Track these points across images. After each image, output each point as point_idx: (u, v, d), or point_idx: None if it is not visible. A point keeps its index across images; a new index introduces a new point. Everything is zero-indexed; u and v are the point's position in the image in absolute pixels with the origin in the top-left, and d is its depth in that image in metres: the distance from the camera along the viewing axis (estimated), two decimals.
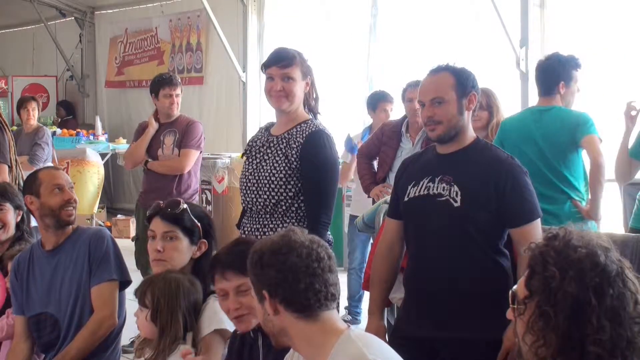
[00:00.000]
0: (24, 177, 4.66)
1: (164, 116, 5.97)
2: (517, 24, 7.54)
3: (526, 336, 1.75)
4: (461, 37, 8.24)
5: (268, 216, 3.56)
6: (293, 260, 2.22)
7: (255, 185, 3.58)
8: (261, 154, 3.64)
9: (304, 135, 3.55)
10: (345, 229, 8.35)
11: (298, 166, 3.53)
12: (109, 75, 13.03)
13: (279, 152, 3.57)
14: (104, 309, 3.50)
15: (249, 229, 3.60)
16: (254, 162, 3.65)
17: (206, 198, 9.02)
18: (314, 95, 3.72)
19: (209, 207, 8.81)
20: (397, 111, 6.54)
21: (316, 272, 2.23)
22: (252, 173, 3.63)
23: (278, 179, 3.53)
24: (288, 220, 3.53)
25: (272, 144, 3.62)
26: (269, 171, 3.56)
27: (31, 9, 13.21)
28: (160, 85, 5.92)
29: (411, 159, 3.45)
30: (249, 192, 3.62)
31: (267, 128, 3.74)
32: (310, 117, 3.68)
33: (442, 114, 3.17)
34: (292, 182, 3.53)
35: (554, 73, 4.69)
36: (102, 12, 13.35)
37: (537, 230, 3.12)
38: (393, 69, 9.01)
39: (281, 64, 3.64)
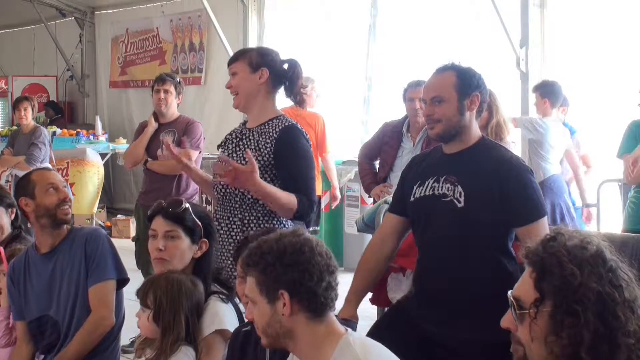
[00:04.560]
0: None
1: (160, 115, 5.97)
2: (517, 24, 7.54)
3: (549, 337, 1.74)
4: (461, 37, 8.24)
5: (237, 206, 3.60)
6: (317, 259, 2.24)
7: None
8: (235, 144, 3.69)
9: (278, 129, 3.59)
10: (345, 229, 8.36)
11: (270, 160, 3.55)
12: (112, 75, 13.03)
13: (251, 143, 3.62)
14: (101, 308, 3.48)
15: (220, 216, 3.64)
16: (228, 152, 3.70)
17: (206, 198, 9.02)
18: (292, 89, 3.70)
19: (209, 207, 8.81)
20: (397, 111, 6.53)
21: (334, 271, 2.28)
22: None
23: None
24: (255, 213, 3.56)
25: (244, 136, 3.67)
26: (238, 162, 3.57)
27: (31, 9, 13.22)
28: (153, 83, 6.01)
29: (419, 158, 3.46)
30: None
31: (245, 122, 3.79)
32: (282, 113, 3.71)
33: (442, 112, 3.18)
34: (262, 176, 3.51)
35: None
36: (102, 12, 13.35)
37: (543, 229, 3.10)
38: (392, 69, 9.01)
39: (228, 64, 3.70)
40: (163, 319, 2.96)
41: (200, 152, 6.07)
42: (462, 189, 3.14)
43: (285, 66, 3.70)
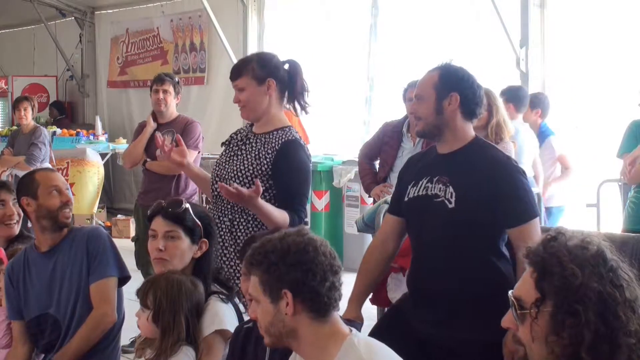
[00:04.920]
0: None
1: (159, 115, 5.97)
2: (517, 24, 7.54)
3: (550, 337, 1.74)
4: (461, 37, 8.24)
5: (229, 207, 3.63)
6: (320, 259, 2.23)
7: (226, 176, 3.64)
8: (238, 147, 3.70)
9: (279, 142, 3.61)
10: (346, 229, 8.36)
11: (268, 170, 3.57)
12: (111, 75, 13.02)
13: (254, 149, 3.63)
14: (103, 305, 3.49)
15: (212, 215, 3.64)
16: (230, 153, 3.72)
17: (205, 198, 9.01)
18: (296, 90, 3.70)
19: (209, 207, 8.80)
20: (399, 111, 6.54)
21: (337, 271, 2.27)
22: (226, 163, 3.70)
23: (245, 175, 3.59)
24: (245, 216, 3.59)
25: (250, 140, 3.69)
26: (238, 166, 3.61)
27: (31, 9, 13.21)
28: (152, 83, 6.02)
29: (415, 158, 3.49)
30: (219, 180, 3.66)
31: (252, 124, 3.79)
32: (288, 124, 3.72)
33: (421, 111, 3.26)
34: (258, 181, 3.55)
35: None
36: (102, 12, 13.34)
37: (534, 230, 3.12)
38: (394, 69, 9.01)
39: (232, 78, 3.71)
40: (163, 320, 2.96)
41: (199, 152, 6.07)
42: (453, 189, 3.15)
43: (286, 66, 3.71)
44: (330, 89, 9.46)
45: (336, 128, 9.57)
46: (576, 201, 6.87)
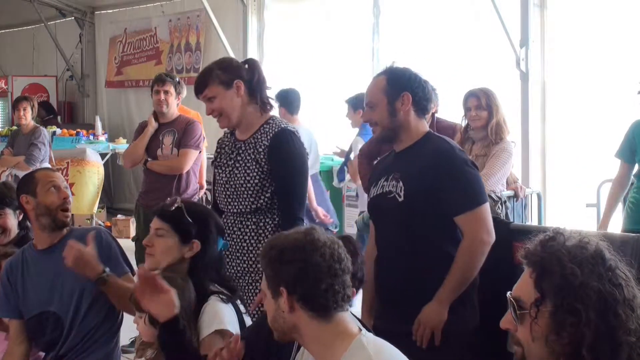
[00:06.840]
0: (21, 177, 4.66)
1: (160, 115, 5.98)
2: (517, 24, 7.54)
3: (550, 336, 1.75)
4: (461, 37, 8.24)
5: (249, 216, 3.63)
6: (316, 259, 2.22)
7: (234, 193, 3.64)
8: (232, 161, 3.68)
9: (269, 137, 3.60)
10: (346, 229, 8.35)
11: (269, 169, 3.57)
12: (109, 75, 13.03)
13: (249, 157, 3.62)
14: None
15: (230, 228, 3.65)
16: (227, 169, 3.69)
17: (206, 198, 9.01)
18: (258, 89, 3.68)
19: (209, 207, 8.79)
20: None
21: (337, 273, 2.24)
22: (228, 181, 3.67)
23: (253, 185, 3.59)
24: (269, 221, 3.61)
25: (240, 150, 3.66)
26: (244, 178, 3.61)
27: (31, 9, 13.22)
28: (153, 83, 6.03)
29: (380, 161, 3.62)
30: (228, 199, 3.66)
31: (232, 132, 3.76)
32: (271, 114, 3.70)
33: (376, 117, 3.34)
34: (267, 185, 3.59)
35: None
36: (102, 12, 13.35)
37: (480, 218, 3.19)
38: None
39: (197, 92, 3.67)
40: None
41: (200, 152, 6.08)
42: (402, 184, 3.24)
43: (246, 66, 3.71)
44: (331, 89, 9.45)
45: (337, 128, 9.55)
46: (576, 201, 6.86)
